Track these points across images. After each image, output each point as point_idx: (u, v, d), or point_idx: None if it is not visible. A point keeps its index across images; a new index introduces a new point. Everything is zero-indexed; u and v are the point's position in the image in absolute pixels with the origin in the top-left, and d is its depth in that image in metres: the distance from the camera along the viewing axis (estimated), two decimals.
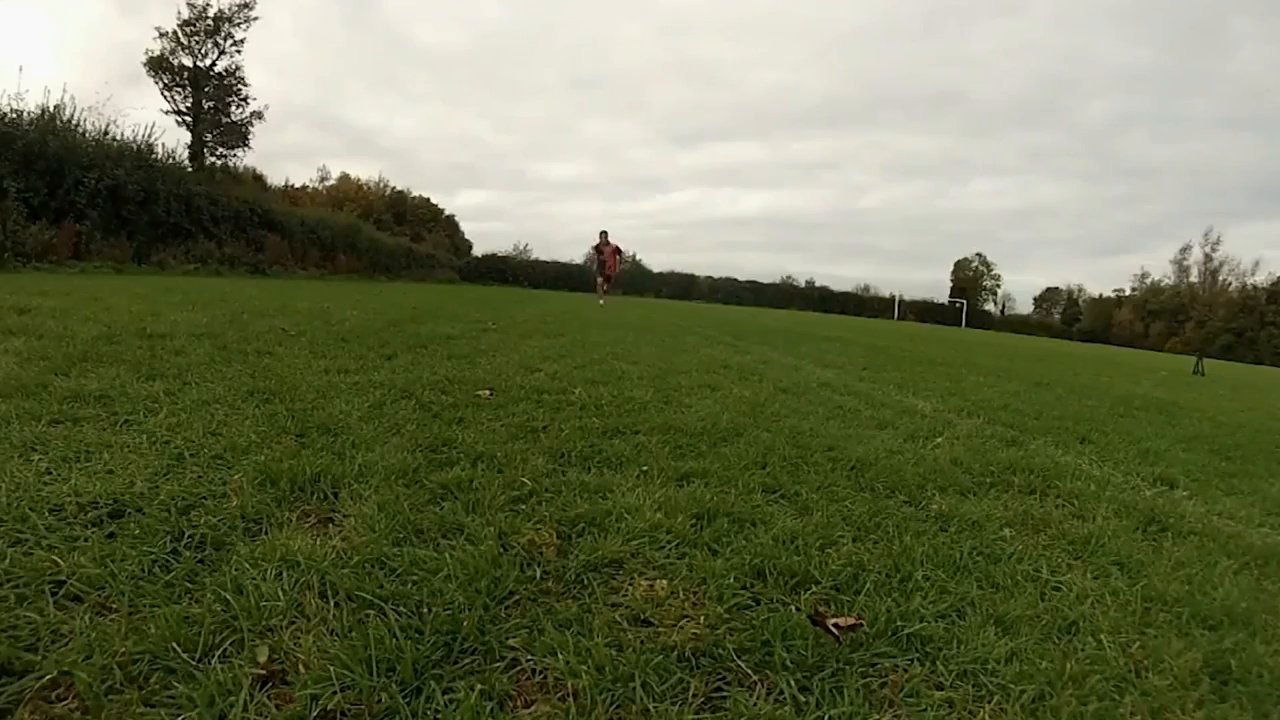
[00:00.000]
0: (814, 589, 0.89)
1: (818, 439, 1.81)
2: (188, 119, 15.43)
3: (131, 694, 0.56)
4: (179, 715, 0.55)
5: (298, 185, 27.15)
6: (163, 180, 10.31)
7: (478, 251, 30.23)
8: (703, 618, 0.79)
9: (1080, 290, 62.35)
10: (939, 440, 1.98)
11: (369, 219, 22.30)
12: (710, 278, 37.03)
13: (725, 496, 1.20)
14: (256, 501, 0.97)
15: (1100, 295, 59.70)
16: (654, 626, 0.77)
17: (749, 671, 0.70)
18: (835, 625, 0.78)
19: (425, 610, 0.73)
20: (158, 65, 15.17)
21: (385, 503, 1.01)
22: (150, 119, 16.88)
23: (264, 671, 0.61)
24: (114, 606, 0.68)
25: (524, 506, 1.09)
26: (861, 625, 0.79)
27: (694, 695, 0.66)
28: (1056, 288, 64.34)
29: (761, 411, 2.16)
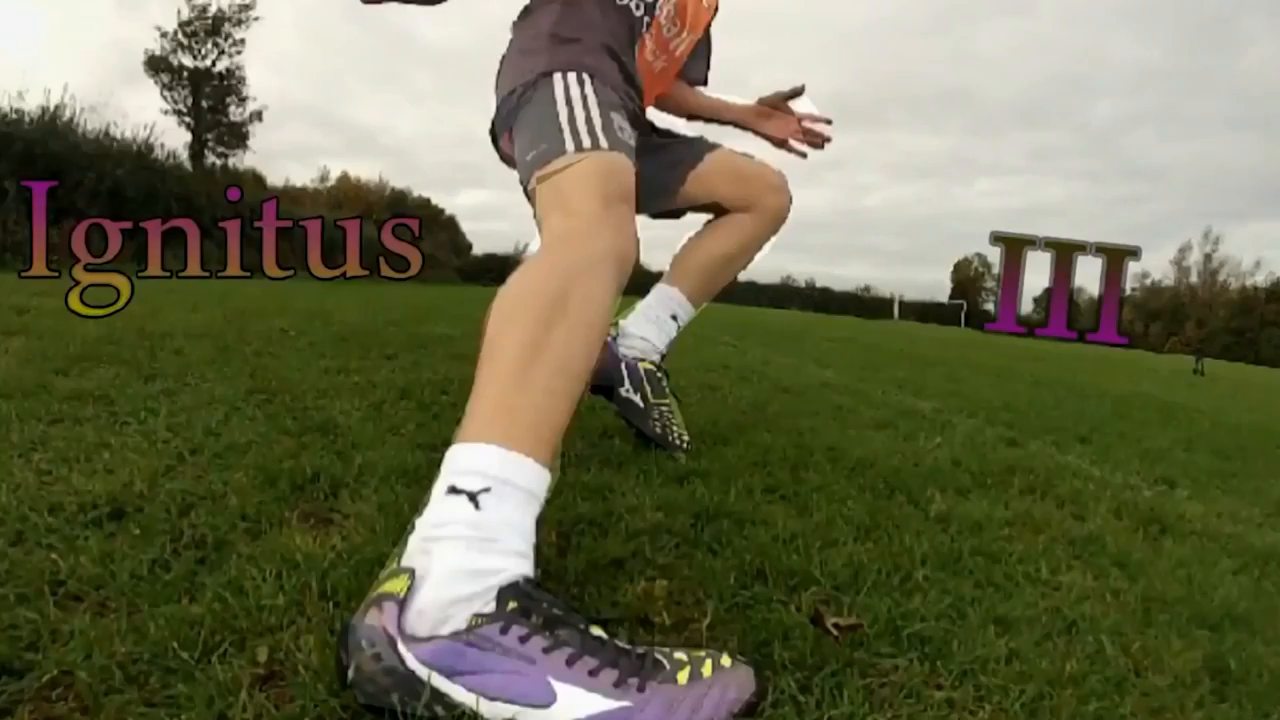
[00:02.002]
0: (814, 589, 0.89)
1: (818, 439, 1.81)
2: (188, 119, 15.45)
3: (131, 694, 0.56)
4: (179, 715, 0.55)
5: (298, 185, 27.20)
6: (163, 180, 10.32)
7: (478, 251, 30.23)
8: (703, 618, 0.79)
9: (1080, 290, 62.41)
10: (939, 440, 1.98)
11: (369, 219, 22.27)
12: None
13: (725, 496, 1.20)
14: (256, 501, 0.97)
15: (1100, 295, 59.75)
16: (654, 626, 0.77)
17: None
18: (835, 625, 0.78)
19: None
20: (158, 65, 15.20)
21: (385, 503, 1.01)
22: (150, 119, 16.94)
23: (264, 671, 0.61)
24: (114, 606, 0.68)
25: None
26: (861, 626, 0.79)
27: None
28: None
29: (761, 411, 2.16)
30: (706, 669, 0.60)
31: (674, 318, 1.51)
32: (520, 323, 0.73)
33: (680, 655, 0.62)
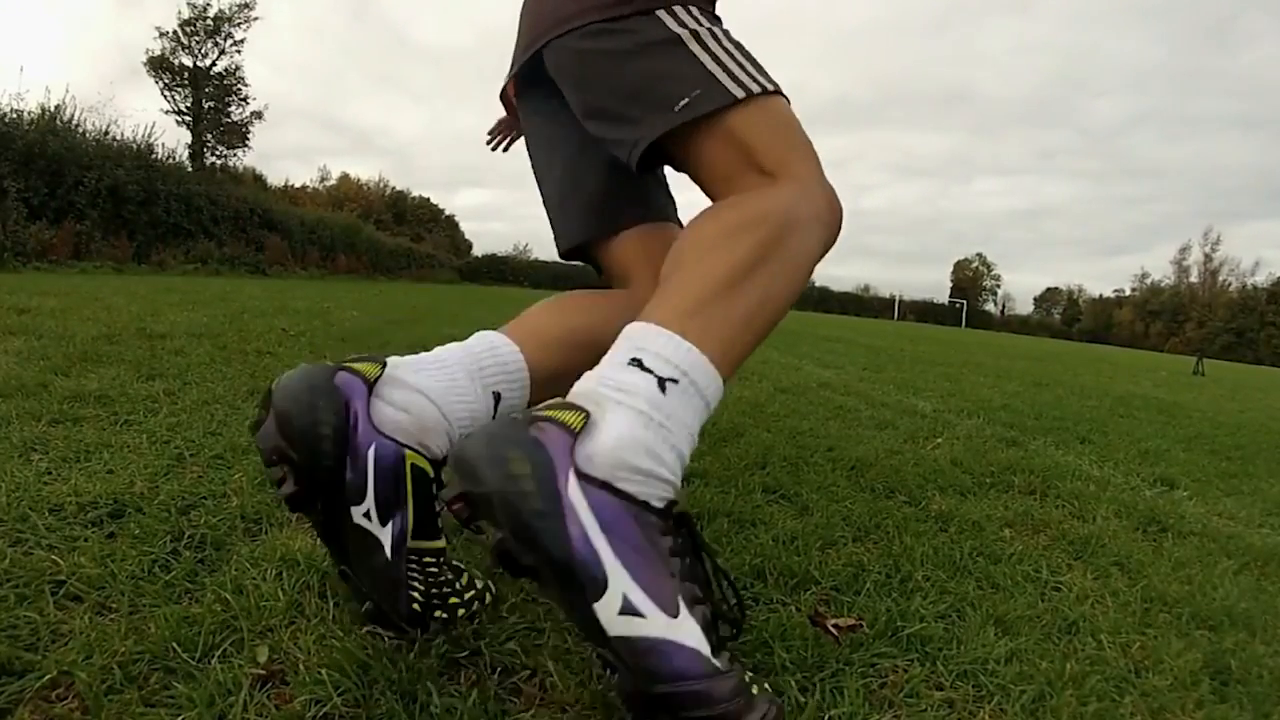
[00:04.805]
0: (814, 589, 0.89)
1: (818, 439, 1.81)
2: (188, 119, 15.44)
3: (131, 694, 0.56)
4: (179, 715, 0.55)
5: (298, 185, 27.25)
6: (163, 180, 10.32)
7: (478, 251, 30.27)
8: None
9: (1080, 290, 62.52)
10: (939, 440, 1.98)
11: (369, 219, 22.29)
12: None
13: (725, 496, 1.20)
14: (256, 501, 0.97)
15: (1100, 295, 59.85)
16: None
17: (749, 672, 0.70)
18: (835, 626, 0.78)
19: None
20: (158, 65, 15.19)
21: None
22: (150, 119, 16.95)
23: (264, 672, 0.61)
24: (114, 606, 0.68)
25: None
26: (861, 626, 0.79)
27: None
28: (1056, 288, 64.59)
29: (761, 411, 2.16)
30: (754, 689, 0.56)
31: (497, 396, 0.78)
32: (739, 243, 0.69)
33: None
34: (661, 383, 0.59)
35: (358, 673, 0.61)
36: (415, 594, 0.67)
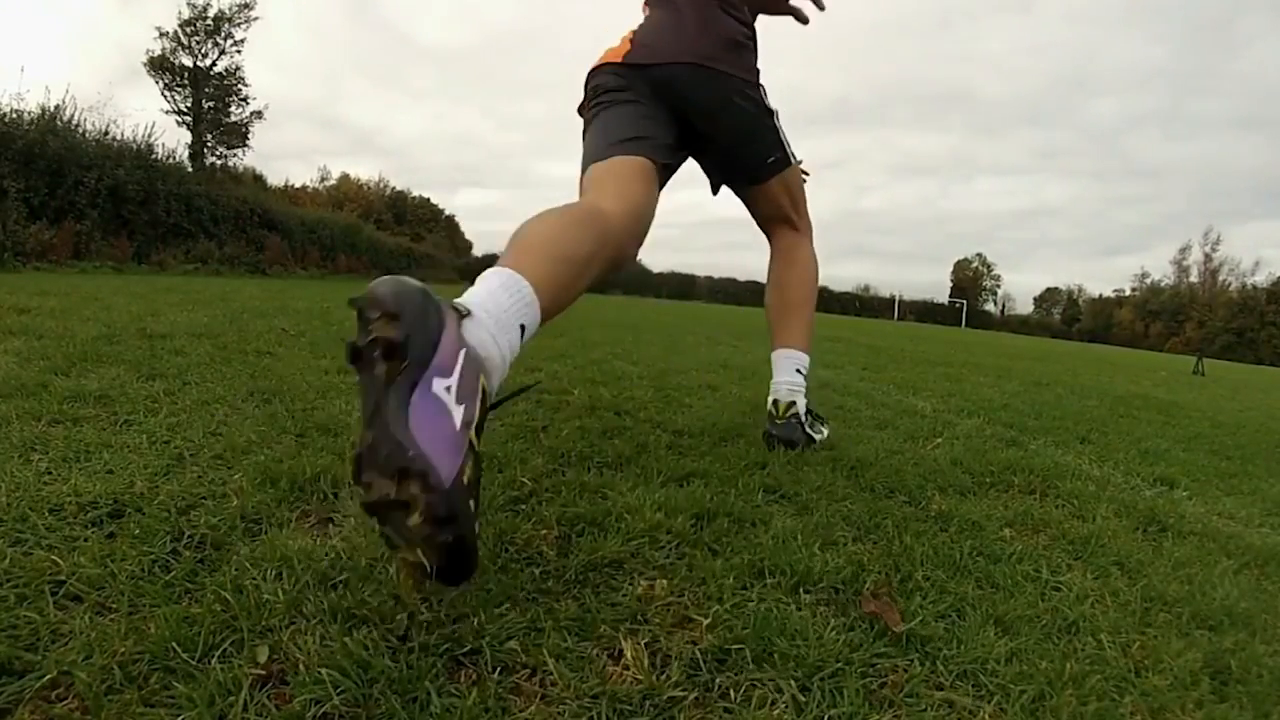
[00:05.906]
0: (814, 589, 0.89)
1: None
2: (188, 119, 15.43)
3: (131, 694, 0.56)
4: (179, 715, 0.55)
5: (298, 185, 27.23)
6: (163, 180, 10.32)
7: (478, 251, 30.28)
8: (703, 618, 0.79)
9: (1080, 290, 62.52)
10: (939, 440, 1.98)
11: (369, 219, 22.24)
12: (710, 278, 37.18)
13: (725, 496, 1.20)
14: (256, 501, 0.97)
15: (1100, 295, 59.83)
16: (653, 626, 0.77)
17: (749, 671, 0.70)
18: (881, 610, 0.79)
19: (425, 611, 0.73)
20: (158, 65, 15.18)
21: None
22: (150, 119, 16.92)
23: (264, 672, 0.61)
24: (114, 606, 0.68)
25: (524, 506, 1.09)
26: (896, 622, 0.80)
27: (693, 696, 0.66)
28: (1056, 288, 64.59)
29: (761, 411, 2.16)
30: None
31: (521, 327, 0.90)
32: (812, 294, 1.80)
33: None
34: (804, 376, 1.68)
35: (358, 673, 0.61)
36: (468, 471, 0.70)
